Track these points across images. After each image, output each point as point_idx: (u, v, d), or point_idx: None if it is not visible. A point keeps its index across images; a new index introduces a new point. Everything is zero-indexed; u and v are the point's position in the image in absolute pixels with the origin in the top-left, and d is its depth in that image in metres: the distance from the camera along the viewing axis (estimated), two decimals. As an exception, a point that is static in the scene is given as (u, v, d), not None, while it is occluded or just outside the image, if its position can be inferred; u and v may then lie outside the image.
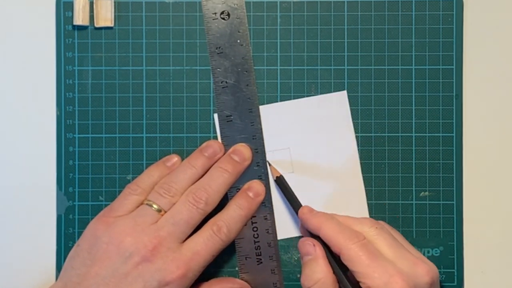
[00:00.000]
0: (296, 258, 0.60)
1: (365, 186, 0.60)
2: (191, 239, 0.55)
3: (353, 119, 0.60)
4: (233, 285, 0.58)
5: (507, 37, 0.61)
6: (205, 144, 0.59)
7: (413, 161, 0.60)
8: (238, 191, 0.59)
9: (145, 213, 0.55)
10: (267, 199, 0.59)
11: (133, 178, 0.59)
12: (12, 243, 0.60)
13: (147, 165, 0.60)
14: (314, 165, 0.60)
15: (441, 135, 0.60)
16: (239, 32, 0.59)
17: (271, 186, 0.60)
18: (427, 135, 0.60)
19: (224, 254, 0.58)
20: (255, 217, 0.59)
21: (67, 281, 0.53)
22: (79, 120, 0.60)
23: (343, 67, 0.60)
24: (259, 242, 0.59)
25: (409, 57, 0.60)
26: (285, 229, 0.60)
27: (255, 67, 0.60)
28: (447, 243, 0.60)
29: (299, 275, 0.60)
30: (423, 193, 0.60)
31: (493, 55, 0.61)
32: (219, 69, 0.59)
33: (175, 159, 0.59)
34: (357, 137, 0.60)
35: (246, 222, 0.58)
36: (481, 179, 0.60)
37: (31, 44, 0.60)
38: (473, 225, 0.60)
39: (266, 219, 0.59)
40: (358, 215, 0.59)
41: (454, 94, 0.60)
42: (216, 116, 0.60)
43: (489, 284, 0.61)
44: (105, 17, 0.60)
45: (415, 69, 0.60)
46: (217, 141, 0.59)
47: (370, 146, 0.60)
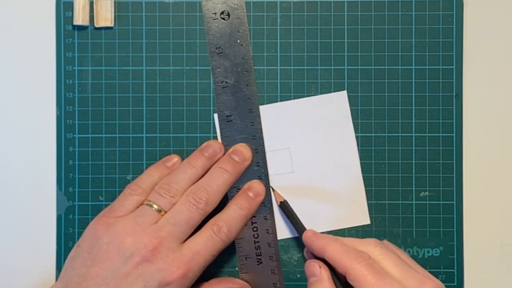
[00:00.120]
0: (296, 258, 0.60)
1: (365, 186, 0.60)
2: (191, 239, 0.55)
3: (353, 119, 0.60)
4: (233, 285, 0.58)
5: (507, 37, 0.61)
6: (205, 144, 0.59)
7: (413, 161, 0.60)
8: (238, 191, 0.59)
9: (145, 213, 0.55)
10: (267, 199, 0.59)
11: (133, 178, 0.59)
12: (12, 243, 0.60)
13: (147, 165, 0.60)
14: (314, 165, 0.60)
15: (441, 135, 0.60)
16: (239, 32, 0.59)
17: (278, 185, 0.60)
18: (427, 135, 0.60)
19: (224, 254, 0.58)
20: (255, 217, 0.59)
21: (67, 281, 0.53)
22: (79, 120, 0.60)
23: (343, 67, 0.60)
24: (259, 242, 0.59)
25: (409, 57, 0.60)
26: (285, 229, 0.60)
27: (255, 67, 0.60)
28: (447, 243, 0.60)
29: (299, 275, 0.60)
30: (423, 193, 0.60)
31: (493, 55, 0.61)
32: (219, 69, 0.59)
33: (175, 159, 0.59)
34: (357, 137, 0.60)
35: (246, 222, 0.58)
36: (481, 179, 0.60)
37: (31, 44, 0.60)
38: (473, 225, 0.60)
39: (266, 219, 0.59)
40: (358, 215, 0.60)
41: (454, 94, 0.60)
42: (216, 116, 0.60)
43: (489, 284, 0.61)
44: (105, 17, 0.60)
45: (415, 69, 0.60)
46: (217, 141, 0.59)
47: (370, 146, 0.60)
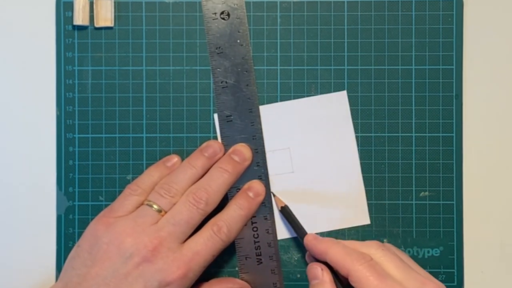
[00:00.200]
0: (296, 258, 0.60)
1: (365, 186, 0.60)
2: (191, 239, 0.55)
3: (353, 119, 0.60)
4: (233, 285, 0.58)
5: (507, 37, 0.61)
6: (205, 144, 0.59)
7: (413, 161, 0.60)
8: (238, 191, 0.59)
9: (145, 213, 0.55)
10: (267, 199, 0.59)
11: (133, 178, 0.59)
12: (12, 243, 0.60)
13: (147, 165, 0.60)
14: (314, 165, 0.60)
15: (441, 135, 0.60)
16: (239, 32, 0.59)
17: (278, 185, 0.60)
18: (427, 135, 0.60)
19: (224, 254, 0.58)
20: (255, 217, 0.59)
21: (67, 282, 0.53)
22: (79, 120, 0.60)
23: (343, 67, 0.60)
24: (259, 242, 0.59)
25: (409, 57, 0.60)
26: (285, 229, 0.60)
27: (255, 67, 0.60)
28: (447, 243, 0.60)
29: (299, 275, 0.60)
30: (423, 193, 0.60)
31: (493, 55, 0.61)
32: (219, 69, 0.59)
33: (175, 159, 0.59)
34: (357, 137, 0.60)
35: (246, 222, 0.58)
36: (481, 179, 0.60)
37: (31, 44, 0.60)
38: (473, 225, 0.60)
39: (266, 219, 0.59)
40: (358, 215, 0.60)
41: (454, 94, 0.60)
42: (216, 116, 0.60)
43: (489, 284, 0.61)
44: (105, 17, 0.60)
45: (415, 69, 0.60)
46: (217, 141, 0.59)
47: (370, 146, 0.60)
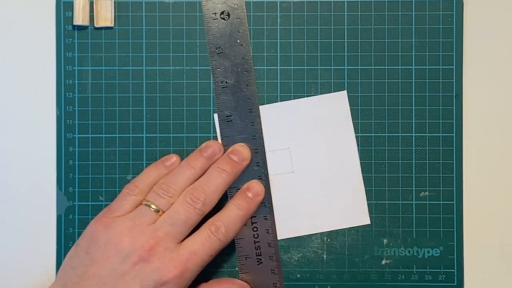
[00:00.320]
0: (296, 258, 0.60)
1: (365, 186, 0.60)
2: (189, 239, 0.55)
3: (353, 119, 0.60)
4: (233, 285, 0.58)
5: (507, 37, 0.61)
6: (204, 144, 0.59)
7: (413, 161, 0.60)
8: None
9: (143, 213, 0.55)
10: (267, 199, 0.59)
11: (133, 178, 0.59)
12: (12, 243, 0.60)
13: (147, 165, 0.60)
14: (314, 165, 0.60)
15: (441, 135, 0.60)
16: (239, 32, 0.59)
17: (279, 185, 0.60)
18: (427, 135, 0.60)
19: (223, 254, 0.58)
20: (255, 217, 0.59)
21: (66, 281, 0.53)
22: (79, 120, 0.60)
23: (343, 67, 0.60)
24: (259, 242, 0.59)
25: (409, 57, 0.60)
26: (285, 229, 0.60)
27: (255, 67, 0.60)
28: (447, 243, 0.60)
29: (299, 275, 0.60)
30: (423, 193, 0.60)
31: (493, 55, 0.61)
32: (219, 69, 0.59)
33: (174, 158, 0.59)
34: (357, 137, 0.60)
35: (244, 222, 0.58)
36: (481, 179, 0.60)
37: (31, 44, 0.60)
38: (473, 225, 0.60)
39: (266, 219, 0.59)
40: (358, 215, 0.60)
41: (454, 94, 0.60)
42: (216, 116, 0.60)
43: (489, 284, 0.61)
44: (105, 17, 0.60)
45: (415, 69, 0.60)
46: (217, 141, 0.59)
47: (370, 146, 0.60)
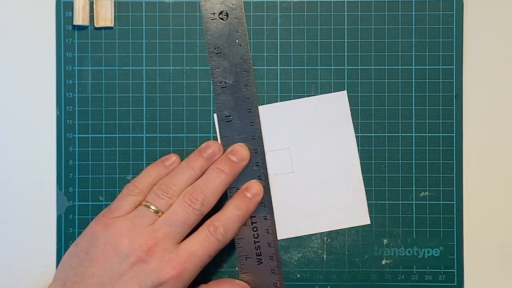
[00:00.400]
0: (296, 258, 0.60)
1: (365, 186, 0.60)
2: (187, 239, 0.55)
3: (353, 119, 0.60)
4: (232, 286, 0.58)
5: (507, 37, 0.61)
6: (204, 144, 0.59)
7: (413, 161, 0.60)
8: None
9: (142, 214, 0.55)
10: (266, 199, 0.59)
11: (133, 178, 0.59)
12: (12, 243, 0.60)
13: (147, 165, 0.60)
14: (314, 165, 0.60)
15: (441, 135, 0.60)
16: (237, 32, 0.59)
17: (278, 185, 0.60)
18: (427, 135, 0.60)
19: (223, 254, 0.58)
20: (255, 217, 0.59)
21: (65, 280, 0.54)
22: (79, 120, 0.60)
23: (343, 67, 0.60)
24: (259, 242, 0.59)
25: (409, 57, 0.60)
26: (285, 229, 0.60)
27: (255, 67, 0.60)
28: (447, 243, 0.60)
29: (299, 275, 0.60)
30: (423, 193, 0.60)
31: (493, 55, 0.61)
32: (218, 69, 0.59)
33: (173, 158, 0.59)
34: (357, 137, 0.60)
35: (243, 222, 0.58)
36: (481, 179, 0.60)
37: (31, 44, 0.60)
38: (473, 225, 0.60)
39: (266, 219, 0.59)
40: (358, 215, 0.60)
41: (454, 94, 0.60)
42: (216, 116, 0.60)
43: (489, 284, 0.61)
44: (105, 17, 0.60)
45: (415, 69, 0.60)
46: (216, 142, 0.59)
47: (370, 146, 0.60)
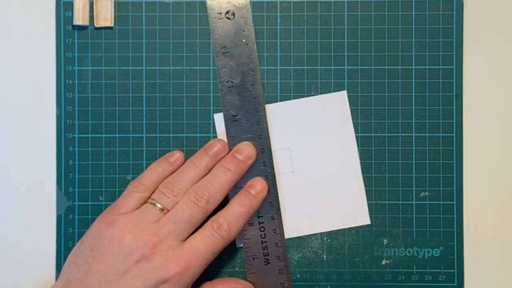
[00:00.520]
0: (296, 258, 0.60)
1: (365, 186, 0.60)
2: (192, 237, 0.55)
3: (353, 119, 0.60)
4: (237, 285, 0.58)
5: (507, 37, 0.61)
6: (209, 143, 0.58)
7: (413, 161, 0.60)
8: (242, 190, 0.59)
9: (148, 211, 0.55)
10: (274, 199, 0.59)
11: (133, 178, 0.59)
12: (12, 243, 0.60)
13: (147, 165, 0.59)
14: (314, 165, 0.60)
15: (441, 135, 0.60)
16: (244, 31, 0.59)
17: (278, 185, 0.60)
18: (427, 135, 0.60)
19: (224, 254, 0.58)
20: (262, 217, 0.59)
21: (70, 278, 0.54)
22: (79, 120, 0.60)
23: (343, 67, 0.60)
24: (266, 242, 0.59)
25: (409, 57, 0.60)
26: (285, 229, 0.60)
27: (256, 67, 0.60)
28: (447, 243, 0.60)
29: (299, 275, 0.60)
30: (423, 193, 0.60)
31: (493, 55, 0.61)
32: (224, 69, 0.59)
33: (177, 155, 0.58)
34: (357, 137, 0.60)
35: (247, 219, 0.57)
36: (481, 179, 0.61)
37: (31, 44, 0.60)
38: (473, 225, 0.60)
39: (273, 219, 0.59)
40: (358, 215, 0.60)
41: (454, 94, 0.60)
42: (216, 116, 0.60)
43: (489, 284, 0.61)
44: (105, 17, 0.60)
45: (415, 69, 0.60)
46: (222, 140, 0.59)
47: (370, 146, 0.60)
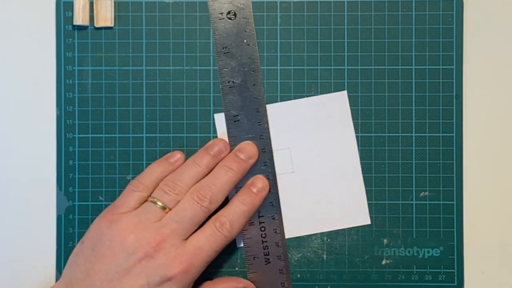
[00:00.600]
0: (296, 258, 0.60)
1: (365, 186, 0.60)
2: (194, 235, 0.55)
3: (353, 119, 0.60)
4: (238, 284, 0.58)
5: (507, 37, 0.61)
6: (210, 142, 0.59)
7: (413, 161, 0.60)
8: (243, 188, 0.59)
9: (149, 210, 0.55)
10: (274, 199, 0.59)
11: (133, 178, 0.59)
12: (12, 243, 0.60)
13: (147, 165, 0.59)
14: (314, 165, 0.60)
15: (441, 135, 0.60)
16: (245, 31, 0.59)
17: (278, 185, 0.60)
18: (427, 135, 0.60)
19: (224, 254, 0.58)
20: (263, 216, 0.59)
21: (71, 278, 0.54)
22: (79, 120, 0.60)
23: (343, 67, 0.60)
24: (267, 242, 0.59)
25: (409, 57, 0.60)
26: (285, 229, 0.60)
27: (256, 67, 0.60)
28: (447, 243, 0.60)
29: (299, 275, 0.60)
30: (423, 193, 0.60)
31: (493, 55, 0.61)
32: (225, 69, 0.59)
33: (178, 155, 0.59)
34: (357, 137, 0.60)
35: (249, 217, 0.57)
36: (481, 179, 0.61)
37: (31, 44, 0.60)
38: (473, 225, 0.60)
39: (274, 218, 0.59)
40: (358, 215, 0.60)
41: (454, 94, 0.60)
42: (216, 116, 0.60)
43: (489, 284, 0.61)
44: (105, 17, 0.60)
45: (415, 69, 0.60)
46: (223, 139, 0.59)
47: (370, 146, 0.60)
